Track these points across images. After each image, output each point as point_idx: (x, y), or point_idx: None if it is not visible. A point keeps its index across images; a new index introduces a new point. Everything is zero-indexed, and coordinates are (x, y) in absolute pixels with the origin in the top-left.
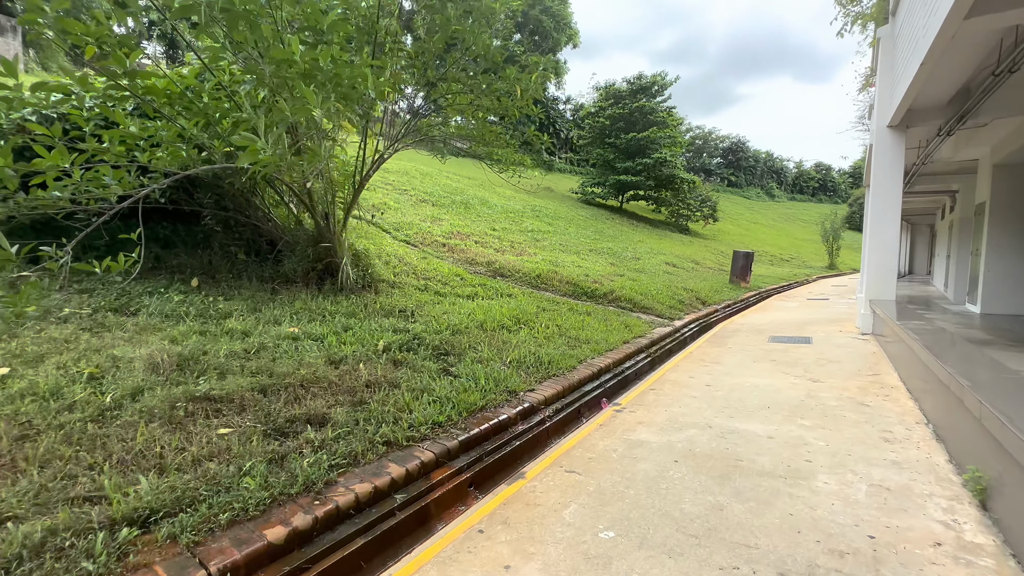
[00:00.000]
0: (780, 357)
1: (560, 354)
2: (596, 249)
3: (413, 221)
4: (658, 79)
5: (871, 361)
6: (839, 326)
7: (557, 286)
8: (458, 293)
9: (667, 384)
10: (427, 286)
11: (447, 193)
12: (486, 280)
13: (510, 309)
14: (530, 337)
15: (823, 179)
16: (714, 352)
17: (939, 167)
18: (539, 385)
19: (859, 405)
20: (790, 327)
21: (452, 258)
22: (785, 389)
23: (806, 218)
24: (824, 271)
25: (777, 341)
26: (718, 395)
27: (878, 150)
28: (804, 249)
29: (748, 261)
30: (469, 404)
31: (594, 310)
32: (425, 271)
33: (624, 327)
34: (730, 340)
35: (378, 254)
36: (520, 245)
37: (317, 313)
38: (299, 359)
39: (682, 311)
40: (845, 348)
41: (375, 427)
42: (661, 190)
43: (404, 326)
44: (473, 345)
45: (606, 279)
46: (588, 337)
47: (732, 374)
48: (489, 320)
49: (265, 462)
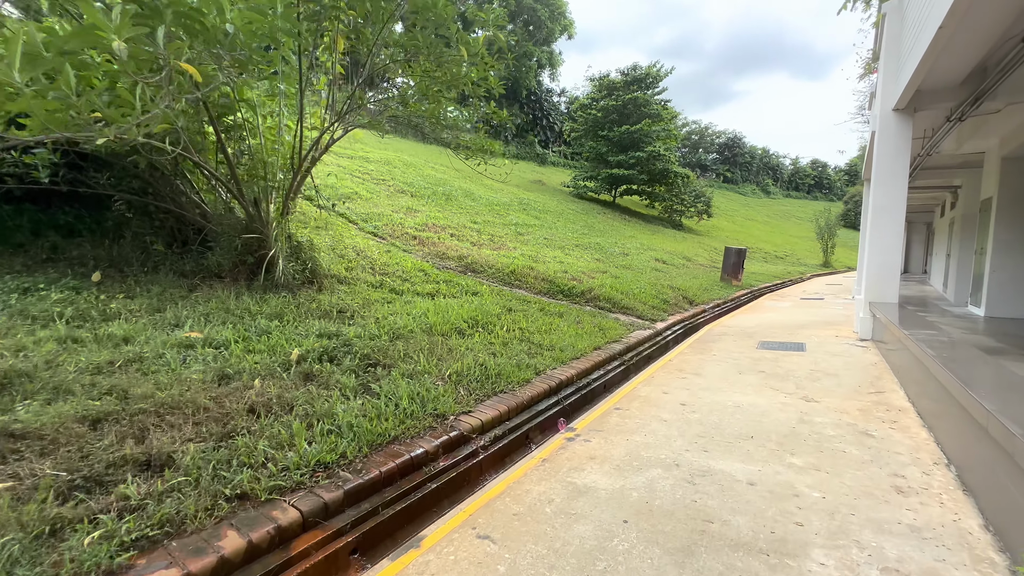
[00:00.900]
0: (769, 368)
1: (514, 365)
2: (582, 244)
3: (385, 212)
4: (653, 70)
5: (873, 374)
6: (835, 330)
7: (532, 283)
8: (417, 291)
9: (636, 401)
10: (383, 282)
11: (429, 184)
12: (453, 276)
13: (470, 309)
14: (484, 343)
15: (819, 176)
16: (696, 360)
17: (941, 160)
18: (479, 405)
19: (862, 435)
20: (782, 331)
21: (421, 252)
22: (773, 411)
23: (801, 215)
24: (818, 269)
25: (767, 348)
26: (693, 418)
27: (881, 137)
28: (799, 247)
29: (740, 258)
30: (377, 435)
31: (568, 311)
32: (385, 266)
33: (598, 330)
34: (715, 346)
35: (334, 246)
36: (500, 239)
37: (235, 314)
38: (177, 374)
39: (666, 312)
40: (843, 357)
41: (232, 473)
42: (654, 184)
43: (336, 330)
44: (411, 354)
45: (586, 276)
46: (554, 343)
47: (713, 389)
48: (441, 323)
49: (28, 539)
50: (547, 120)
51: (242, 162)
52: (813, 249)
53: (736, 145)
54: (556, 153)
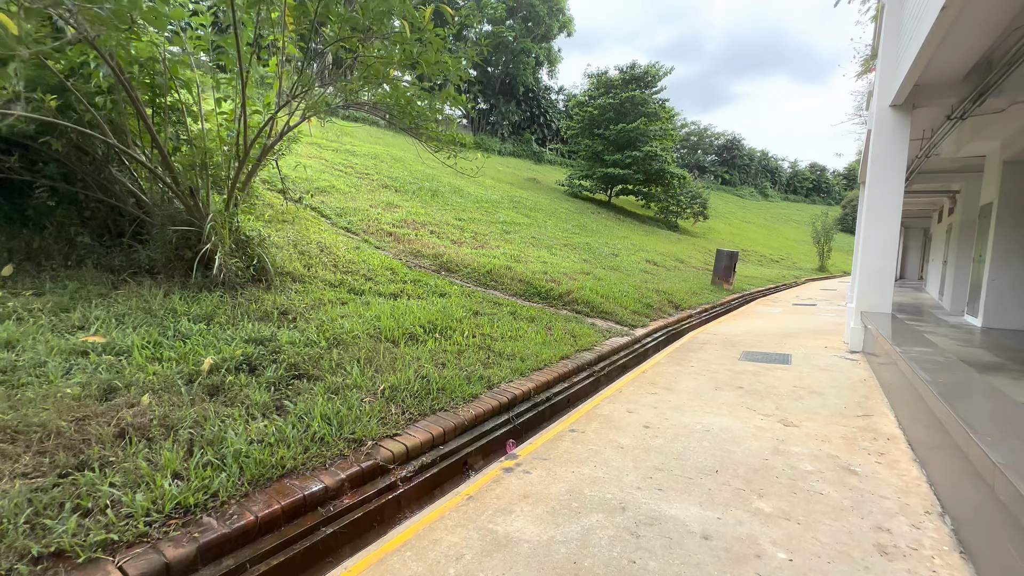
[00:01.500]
0: (750, 383)
1: (463, 377)
2: (571, 244)
3: (362, 207)
4: (652, 69)
5: (861, 393)
6: (825, 340)
7: (508, 284)
8: (379, 291)
9: (596, 422)
10: (343, 281)
11: (416, 179)
12: (423, 276)
13: (432, 312)
14: (437, 351)
15: (817, 180)
16: (671, 373)
17: (940, 164)
18: (411, 427)
19: (844, 471)
20: (769, 339)
21: (395, 249)
22: (746, 437)
23: (799, 219)
24: (814, 273)
25: (750, 359)
26: (654, 445)
27: (877, 135)
28: (795, 250)
29: (732, 261)
30: (268, 467)
31: (540, 315)
32: (350, 263)
33: (569, 337)
34: (696, 355)
35: (296, 242)
36: (484, 237)
37: (156, 315)
38: (49, 388)
39: (648, 317)
40: (830, 372)
41: (57, 522)
42: (651, 185)
43: (271, 334)
44: (347, 364)
45: (568, 278)
46: (516, 351)
47: (684, 408)
48: (394, 327)
49: None
50: (544, 118)
51: (181, 148)
52: (809, 253)
53: (735, 147)
54: (553, 151)
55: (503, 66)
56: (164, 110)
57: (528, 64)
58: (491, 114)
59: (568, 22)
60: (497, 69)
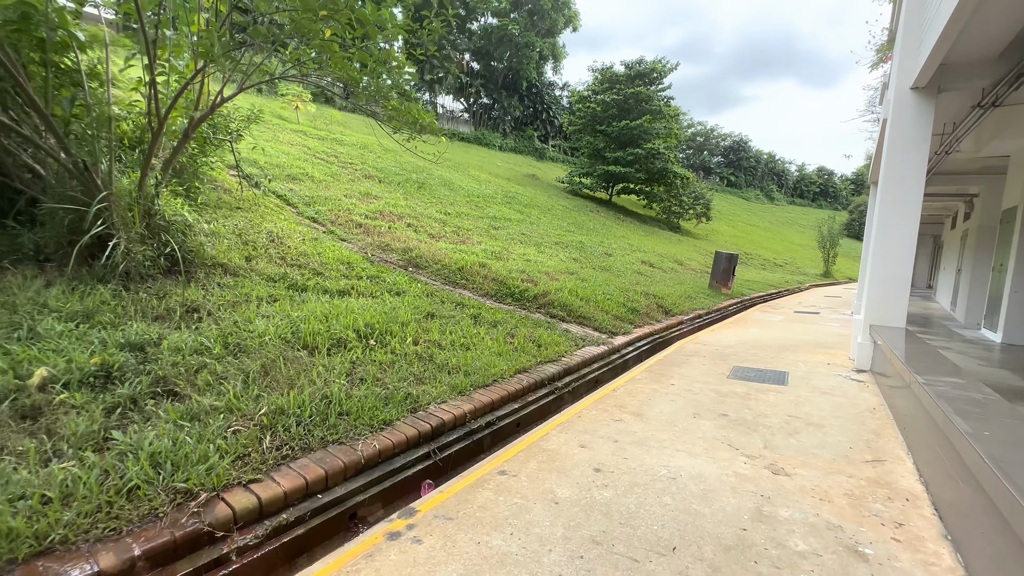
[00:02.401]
0: (736, 409)
1: (380, 397)
2: (563, 242)
3: (335, 196)
4: (658, 65)
5: (870, 427)
6: (828, 355)
7: (479, 283)
8: (325, 287)
9: (537, 459)
10: (285, 276)
11: (404, 171)
12: (384, 271)
13: (376, 314)
14: (362, 363)
15: (825, 184)
16: (645, 392)
17: (957, 164)
18: (282, 468)
19: (849, 555)
20: (765, 352)
21: (362, 242)
22: (722, 491)
23: (805, 223)
24: (818, 279)
25: (741, 377)
26: (600, 500)
27: (895, 125)
28: (800, 255)
29: (731, 264)
30: (18, 543)
31: (507, 319)
32: (301, 255)
33: (532, 346)
34: (679, 370)
35: (244, 230)
36: (467, 232)
37: (19, 312)
38: None
39: (632, 324)
40: (833, 396)
41: None
42: (653, 184)
43: (157, 337)
44: (232, 377)
45: (548, 278)
46: (463, 363)
47: (650, 443)
48: (320, 332)
49: None
50: (548, 114)
51: (78, 115)
52: (814, 258)
53: (741, 149)
54: (555, 148)
55: (507, 60)
56: (68, 72)
57: (531, 58)
58: (493, 109)
59: (574, 17)
60: (501, 64)
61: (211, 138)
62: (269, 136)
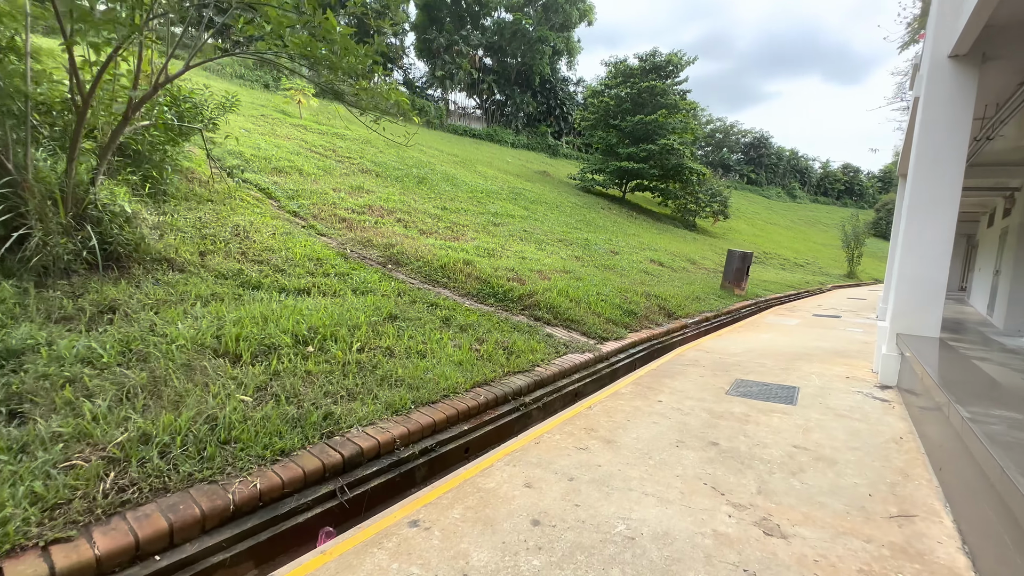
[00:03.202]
0: (730, 436)
1: (289, 418)
2: (567, 240)
3: (323, 190)
4: (674, 58)
5: (896, 464)
6: (847, 366)
7: (462, 282)
8: (282, 285)
9: (461, 505)
10: (240, 272)
11: (404, 166)
12: (357, 268)
13: (326, 316)
14: (284, 373)
15: (850, 182)
16: (626, 411)
17: (996, 155)
18: (115, 519)
19: None
20: (774, 362)
21: (342, 237)
22: (692, 562)
23: (828, 222)
24: (841, 280)
25: (742, 392)
26: (527, 571)
27: (929, 101)
28: (822, 254)
29: (745, 264)
30: None
31: (482, 322)
32: (266, 251)
33: (502, 354)
34: (672, 383)
35: (208, 223)
36: (462, 228)
37: None
38: None
39: (627, 328)
40: (850, 421)
41: None
42: (668, 181)
43: (46, 340)
44: (104, 393)
45: (540, 277)
46: (413, 374)
47: (614, 482)
48: (255, 336)
49: None
50: (561, 110)
51: None
52: (838, 258)
53: (762, 145)
54: (569, 145)
55: (520, 56)
56: None
57: (544, 53)
58: (506, 105)
59: (588, 10)
60: (514, 60)
61: (176, 125)
62: (266, 130)
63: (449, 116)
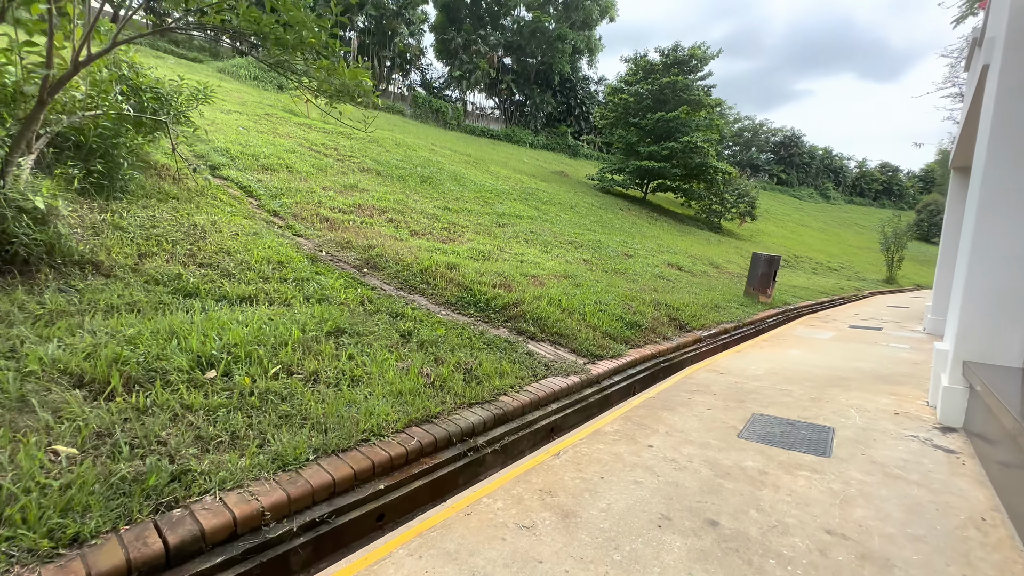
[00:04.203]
0: (734, 512)
1: (115, 482)
2: (578, 242)
3: (312, 188)
4: (697, 51)
5: (983, 572)
6: (895, 396)
7: (441, 288)
8: (224, 292)
9: None
10: (178, 277)
11: (410, 165)
12: (324, 272)
13: (251, 332)
14: (153, 411)
15: (888, 182)
16: (602, 462)
17: None
18: None
19: None
20: (802, 389)
21: (320, 238)
22: None
23: (864, 223)
24: (880, 285)
25: (758, 435)
26: None
27: (1008, 66)
28: (858, 258)
29: (771, 268)
30: None
31: (451, 337)
32: (220, 253)
33: (462, 378)
34: (669, 419)
35: (168, 221)
36: (461, 229)
37: None
38: None
39: (628, 343)
40: (905, 486)
41: None
42: (691, 181)
43: None
44: None
45: (533, 283)
46: (330, 410)
47: None
48: (144, 357)
49: None
50: (582, 109)
51: None
52: (875, 262)
53: (793, 144)
54: (591, 145)
55: (540, 54)
56: None
57: (564, 51)
58: (526, 106)
59: (610, 6)
60: (534, 59)
61: (131, 116)
62: (267, 128)
63: (467, 117)
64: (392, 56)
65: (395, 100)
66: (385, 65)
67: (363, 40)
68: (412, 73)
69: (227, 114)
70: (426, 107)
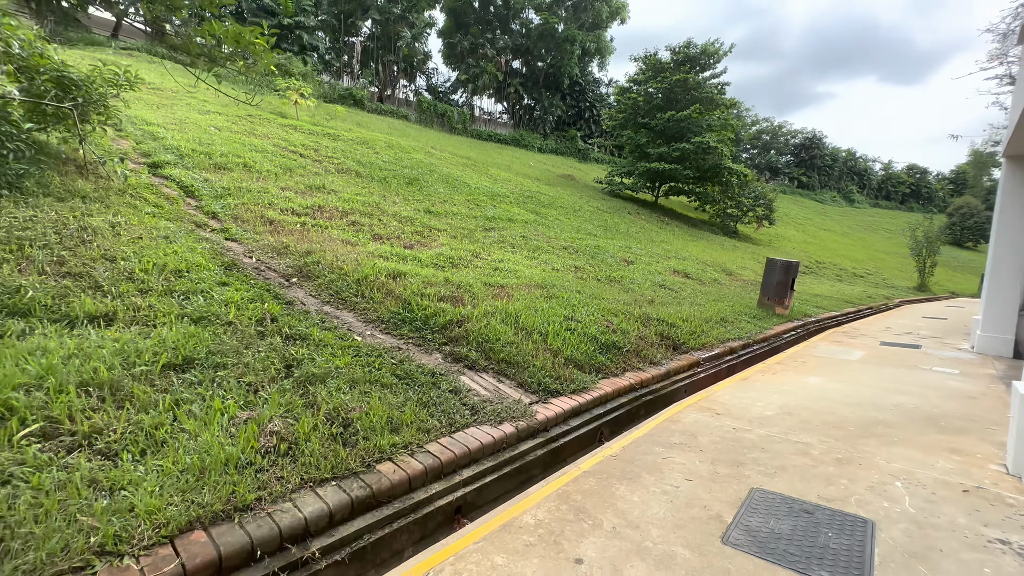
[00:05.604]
0: None
1: None
2: (573, 247)
3: (267, 188)
4: (710, 48)
5: None
6: (956, 454)
7: (376, 302)
8: (70, 310)
9: None
10: (17, 290)
11: (398, 167)
12: (233, 282)
13: (42, 367)
14: None
15: (916, 184)
16: None
17: None
18: None
19: None
20: (825, 441)
21: (254, 243)
22: None
23: (891, 227)
24: (912, 293)
25: (754, 536)
26: None
27: None
28: (885, 264)
29: (789, 276)
30: None
31: (352, 369)
32: (99, 259)
33: (330, 435)
34: (627, 499)
35: (46, 222)
36: (436, 233)
37: None
38: None
39: (600, 371)
40: None
41: None
42: (705, 183)
43: None
44: None
45: (496, 294)
46: (46, 514)
47: None
48: None
49: None
50: (592, 112)
51: None
52: (905, 267)
53: (814, 146)
54: (601, 149)
55: (549, 58)
56: None
57: (573, 53)
58: (535, 110)
59: (621, 8)
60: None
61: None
62: (244, 129)
63: (474, 121)
64: (396, 61)
65: (400, 105)
66: (391, 70)
67: (367, 45)
68: (418, 78)
69: (204, 114)
70: (431, 111)
